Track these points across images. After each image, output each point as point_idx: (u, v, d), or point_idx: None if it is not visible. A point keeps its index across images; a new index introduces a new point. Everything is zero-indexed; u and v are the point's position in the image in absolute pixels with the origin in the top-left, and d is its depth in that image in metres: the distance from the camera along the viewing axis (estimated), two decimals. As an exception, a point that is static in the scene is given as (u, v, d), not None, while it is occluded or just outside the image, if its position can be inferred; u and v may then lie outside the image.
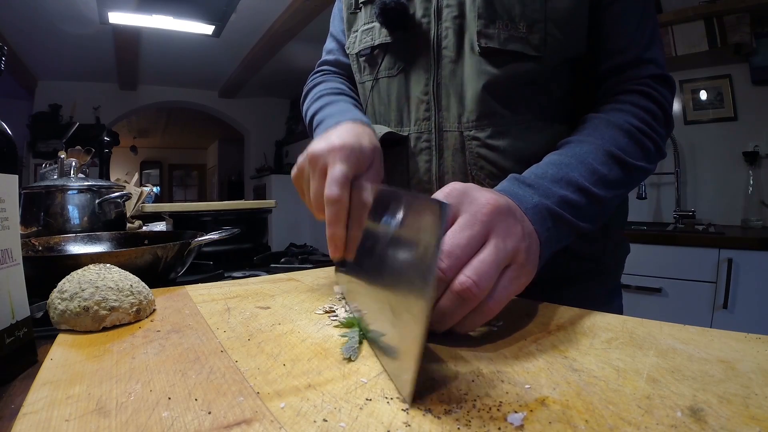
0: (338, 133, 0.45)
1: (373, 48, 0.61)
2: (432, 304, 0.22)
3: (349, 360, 0.29)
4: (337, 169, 0.41)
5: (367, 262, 0.36)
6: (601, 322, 0.36)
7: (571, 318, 0.37)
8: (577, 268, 0.59)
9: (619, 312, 0.62)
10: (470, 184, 0.36)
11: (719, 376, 0.25)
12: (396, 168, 0.60)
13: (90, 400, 0.23)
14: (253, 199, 3.39)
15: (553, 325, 0.36)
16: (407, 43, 0.57)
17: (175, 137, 8.42)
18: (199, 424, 0.21)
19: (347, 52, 0.66)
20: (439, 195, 0.36)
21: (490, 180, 0.54)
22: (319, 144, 0.44)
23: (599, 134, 0.48)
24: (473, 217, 0.33)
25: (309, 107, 0.68)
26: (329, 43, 0.76)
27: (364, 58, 0.63)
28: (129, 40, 3.71)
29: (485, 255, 0.32)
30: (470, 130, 0.54)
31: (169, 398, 0.23)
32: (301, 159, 0.46)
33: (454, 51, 0.54)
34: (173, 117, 6.89)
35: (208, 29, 3.49)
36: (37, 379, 0.27)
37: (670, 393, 0.23)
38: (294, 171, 0.47)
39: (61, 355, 0.31)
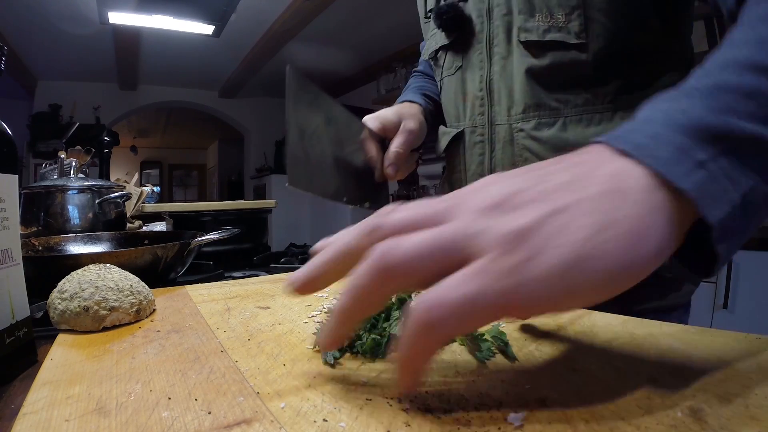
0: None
1: (437, 51, 0.66)
2: None
3: (332, 366, 0.28)
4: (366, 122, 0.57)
5: None
6: (601, 322, 0.36)
7: (571, 318, 0.37)
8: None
9: None
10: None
11: (719, 376, 0.25)
12: (455, 161, 0.65)
13: (90, 400, 0.23)
14: (253, 199, 3.40)
15: (553, 325, 0.36)
16: (463, 44, 0.61)
17: (175, 137, 8.42)
18: (199, 424, 0.21)
19: (424, 59, 0.73)
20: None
21: None
22: None
23: (756, 20, 0.26)
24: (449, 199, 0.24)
25: None
26: (421, 57, 0.83)
27: (432, 61, 0.68)
28: (129, 40, 3.71)
29: (425, 231, 0.21)
30: (518, 122, 0.56)
31: (169, 398, 0.23)
32: None
33: (504, 48, 0.57)
34: (173, 117, 6.89)
35: (208, 29, 3.48)
36: (37, 379, 0.27)
37: (670, 393, 0.23)
38: None
39: (61, 355, 0.31)
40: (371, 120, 0.57)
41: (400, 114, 0.60)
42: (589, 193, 0.19)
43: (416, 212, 0.22)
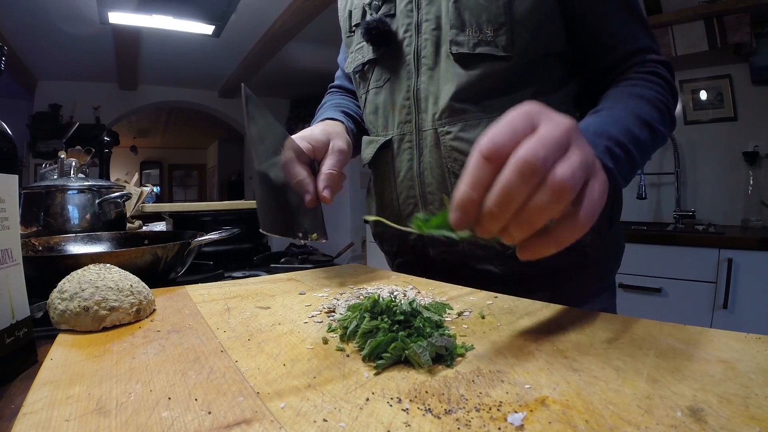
0: (302, 132, 0.59)
1: (363, 64, 0.67)
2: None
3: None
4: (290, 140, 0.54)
5: None
6: (601, 322, 0.36)
7: (571, 318, 0.37)
8: (562, 260, 0.57)
9: (612, 312, 0.63)
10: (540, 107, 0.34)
11: (719, 376, 0.25)
12: (383, 169, 0.67)
13: (90, 400, 0.23)
14: (253, 199, 3.39)
15: (553, 325, 0.36)
16: (391, 57, 0.63)
17: (175, 137, 8.42)
18: (199, 424, 0.21)
19: (346, 71, 0.74)
20: (512, 114, 0.32)
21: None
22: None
23: (624, 102, 0.51)
24: (554, 125, 0.31)
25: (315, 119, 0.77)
26: (338, 71, 0.87)
27: (357, 74, 0.70)
28: (129, 40, 3.70)
29: (572, 156, 0.30)
30: (443, 126, 0.58)
31: (169, 398, 0.23)
32: None
33: (431, 59, 0.59)
34: (173, 117, 6.89)
35: (208, 29, 3.48)
36: (37, 379, 0.27)
37: (670, 393, 0.23)
38: None
39: (61, 355, 0.31)
40: (299, 140, 0.57)
41: (328, 133, 0.60)
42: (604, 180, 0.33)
43: (555, 141, 0.30)
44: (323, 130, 0.60)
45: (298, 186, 0.54)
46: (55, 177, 1.01)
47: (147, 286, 0.43)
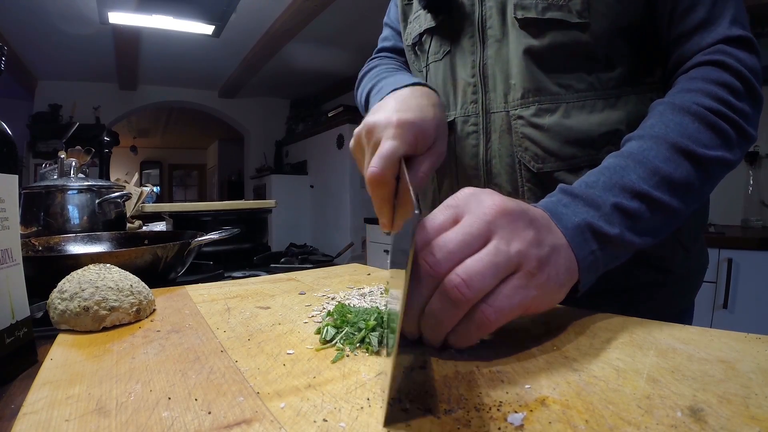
0: (398, 104, 0.42)
1: (420, 35, 0.61)
2: (403, 305, 0.23)
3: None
4: (386, 146, 0.38)
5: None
6: (601, 322, 0.36)
7: (571, 318, 0.37)
8: (640, 278, 0.53)
9: None
10: (484, 189, 0.33)
11: (719, 376, 0.25)
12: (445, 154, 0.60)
13: (90, 400, 0.24)
14: (253, 199, 3.40)
15: (553, 325, 0.36)
16: (451, 26, 0.56)
17: (175, 137, 8.42)
18: (199, 424, 0.21)
19: (405, 44, 0.66)
20: (448, 200, 0.33)
21: (535, 162, 0.51)
22: (377, 114, 0.41)
23: (662, 124, 0.41)
24: (474, 217, 0.30)
25: (365, 87, 0.66)
26: (385, 32, 0.77)
27: (416, 46, 0.63)
28: (129, 40, 3.71)
29: (481, 254, 0.29)
30: (515, 109, 0.52)
31: (169, 398, 0.23)
32: (358, 129, 0.43)
33: (499, 30, 0.52)
34: (173, 117, 6.89)
35: (208, 29, 3.48)
36: (37, 379, 0.27)
37: (670, 393, 0.23)
38: (351, 142, 0.45)
39: (61, 355, 0.31)
40: (402, 139, 0.40)
41: (437, 124, 0.44)
42: (546, 271, 0.31)
43: (460, 240, 0.29)
44: (435, 116, 0.44)
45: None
46: (55, 177, 1.01)
47: (147, 286, 0.43)
